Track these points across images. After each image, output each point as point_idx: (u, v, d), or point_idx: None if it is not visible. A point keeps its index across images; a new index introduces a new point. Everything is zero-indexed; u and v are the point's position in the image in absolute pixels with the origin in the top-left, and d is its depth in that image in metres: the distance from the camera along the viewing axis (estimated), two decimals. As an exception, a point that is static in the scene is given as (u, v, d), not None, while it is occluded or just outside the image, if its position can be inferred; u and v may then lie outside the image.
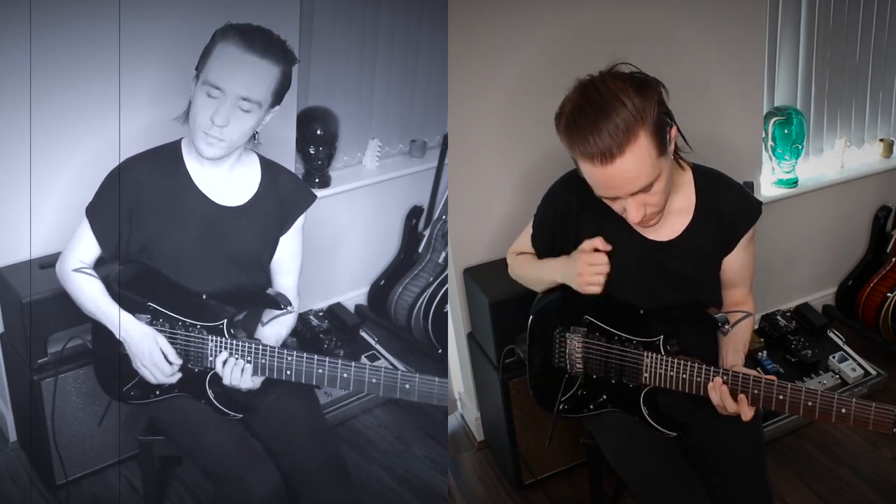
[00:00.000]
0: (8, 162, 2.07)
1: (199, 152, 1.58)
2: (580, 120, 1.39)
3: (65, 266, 1.71)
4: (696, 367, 1.55)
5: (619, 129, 1.35)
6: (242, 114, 1.54)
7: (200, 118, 1.54)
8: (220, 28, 1.56)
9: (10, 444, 2.38)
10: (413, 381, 1.56)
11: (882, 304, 2.84)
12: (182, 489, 2.28)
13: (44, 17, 1.97)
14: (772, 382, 1.47)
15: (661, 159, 1.43)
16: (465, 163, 2.19)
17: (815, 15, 2.64)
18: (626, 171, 1.40)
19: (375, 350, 2.83)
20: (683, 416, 1.65)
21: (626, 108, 1.36)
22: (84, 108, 2.12)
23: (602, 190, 1.48)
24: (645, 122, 1.37)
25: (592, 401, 1.71)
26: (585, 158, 1.41)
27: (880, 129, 2.99)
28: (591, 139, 1.37)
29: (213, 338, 1.65)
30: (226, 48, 1.52)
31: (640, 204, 1.47)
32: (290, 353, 1.61)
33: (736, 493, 1.56)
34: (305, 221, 1.80)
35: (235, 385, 1.64)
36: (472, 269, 2.29)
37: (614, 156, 1.37)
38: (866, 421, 1.41)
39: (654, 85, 1.42)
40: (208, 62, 1.54)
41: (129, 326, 1.65)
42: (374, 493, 2.33)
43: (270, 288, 1.80)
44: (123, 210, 1.63)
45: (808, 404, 1.44)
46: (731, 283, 1.69)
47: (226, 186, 1.68)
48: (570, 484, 2.39)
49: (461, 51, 2.05)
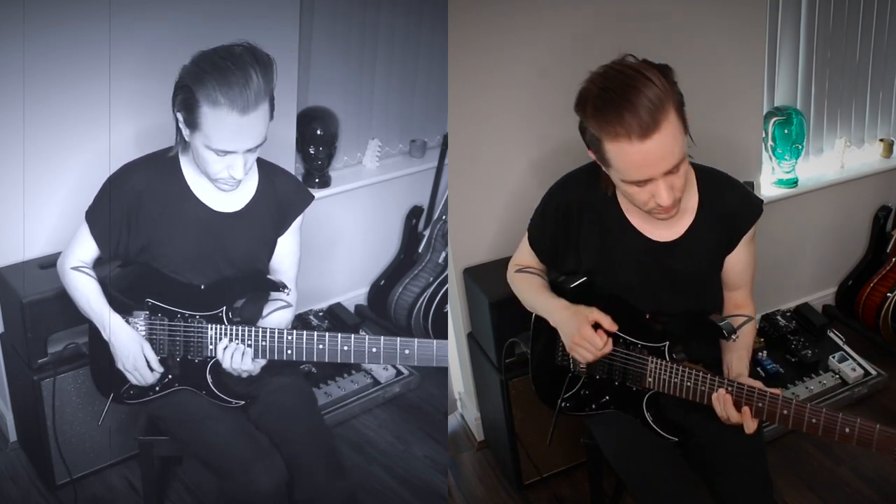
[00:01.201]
0: (8, 162, 2.07)
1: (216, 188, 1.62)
2: (612, 98, 1.35)
3: (64, 264, 1.73)
4: (700, 376, 1.53)
5: (653, 104, 1.33)
6: (254, 152, 1.56)
7: (212, 169, 1.55)
8: (189, 70, 1.46)
9: (10, 444, 2.38)
10: (412, 346, 1.57)
11: (882, 304, 2.84)
12: (182, 489, 2.28)
13: (42, 18, 1.97)
14: (776, 397, 1.45)
15: (685, 139, 1.42)
16: (465, 163, 2.19)
17: (815, 15, 2.64)
18: (662, 146, 1.36)
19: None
20: (686, 422, 1.64)
21: (655, 84, 1.34)
22: (84, 109, 2.12)
23: (636, 171, 1.41)
24: (671, 98, 1.36)
25: (595, 400, 1.71)
26: (621, 138, 1.36)
27: (880, 129, 2.98)
28: (626, 116, 1.33)
29: (212, 326, 1.66)
30: (217, 114, 1.45)
31: (669, 186, 1.43)
32: (289, 332, 1.62)
33: (739, 491, 1.56)
34: (304, 221, 1.80)
35: (237, 369, 1.64)
36: (472, 269, 2.29)
37: (651, 130, 1.34)
38: (869, 442, 1.39)
39: (669, 66, 1.41)
40: (202, 125, 1.47)
41: (117, 329, 1.66)
42: (374, 493, 2.33)
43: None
44: (122, 215, 1.64)
45: (811, 421, 1.43)
46: (733, 284, 1.68)
47: (223, 193, 1.68)
48: (570, 484, 2.39)
49: (461, 51, 2.05)
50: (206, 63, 1.45)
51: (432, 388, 2.81)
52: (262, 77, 1.46)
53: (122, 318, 1.67)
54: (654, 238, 1.62)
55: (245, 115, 1.46)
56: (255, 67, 1.45)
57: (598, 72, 1.42)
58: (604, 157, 1.44)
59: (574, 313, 1.60)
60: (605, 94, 1.36)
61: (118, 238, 1.66)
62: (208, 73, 1.44)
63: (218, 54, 1.46)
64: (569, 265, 1.72)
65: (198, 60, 1.47)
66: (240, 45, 1.48)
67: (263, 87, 1.46)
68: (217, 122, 1.46)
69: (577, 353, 1.59)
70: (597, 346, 1.55)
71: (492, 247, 2.30)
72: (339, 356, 1.60)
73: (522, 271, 1.80)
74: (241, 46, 1.48)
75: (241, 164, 1.54)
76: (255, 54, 1.48)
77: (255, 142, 1.52)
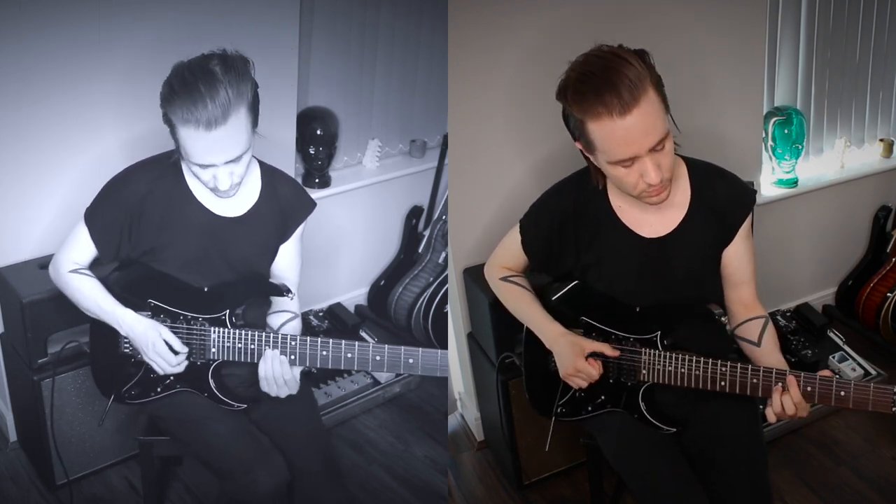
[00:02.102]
0: (8, 162, 2.07)
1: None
2: (591, 80, 1.39)
3: (59, 268, 1.70)
4: (694, 361, 1.55)
5: (633, 82, 1.37)
6: (237, 163, 1.53)
7: (202, 179, 1.55)
8: (163, 88, 1.46)
9: (10, 444, 2.38)
10: (416, 355, 1.58)
11: (882, 304, 2.84)
12: (182, 489, 2.28)
13: (42, 18, 1.97)
14: (787, 373, 1.48)
15: (667, 117, 1.45)
16: (465, 163, 2.19)
17: (815, 15, 2.64)
18: (644, 120, 1.39)
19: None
20: (682, 413, 1.65)
21: (632, 65, 1.38)
22: (84, 110, 2.12)
23: (621, 148, 1.43)
24: (650, 77, 1.40)
25: (590, 402, 1.71)
26: (603, 116, 1.39)
27: (880, 129, 2.98)
28: (606, 95, 1.37)
29: (215, 329, 1.66)
30: (186, 131, 1.44)
31: (656, 164, 1.45)
32: (293, 337, 1.62)
33: (736, 493, 1.56)
34: (305, 225, 1.80)
35: (278, 381, 1.62)
36: (472, 269, 2.29)
37: (631, 106, 1.37)
38: (865, 402, 1.43)
39: (645, 50, 1.45)
40: (178, 140, 1.49)
41: (132, 321, 1.65)
42: (374, 493, 2.33)
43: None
44: (123, 218, 1.63)
45: (807, 389, 1.47)
46: (735, 279, 1.67)
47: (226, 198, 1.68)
48: (570, 484, 2.39)
49: (461, 51, 2.05)
50: (176, 80, 1.44)
51: (432, 388, 2.82)
52: (234, 88, 1.43)
53: (133, 311, 1.66)
54: (647, 235, 1.63)
55: (212, 130, 1.43)
56: (224, 80, 1.43)
57: (577, 60, 1.46)
58: (588, 139, 1.47)
59: (569, 345, 1.63)
60: (585, 77, 1.41)
61: (118, 241, 1.65)
62: (175, 93, 1.43)
63: (189, 69, 1.44)
64: (563, 269, 1.72)
65: (170, 78, 1.46)
66: (215, 56, 1.46)
67: (233, 99, 1.44)
68: (188, 138, 1.46)
69: (572, 382, 1.65)
70: (591, 377, 1.62)
71: (492, 247, 2.28)
72: (343, 363, 1.60)
73: (508, 280, 1.80)
74: (216, 58, 1.46)
75: (226, 175, 1.53)
76: (227, 64, 1.45)
77: (233, 153, 1.50)
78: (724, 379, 1.53)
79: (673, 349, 1.60)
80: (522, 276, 1.82)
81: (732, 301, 1.69)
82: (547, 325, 1.69)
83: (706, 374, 1.54)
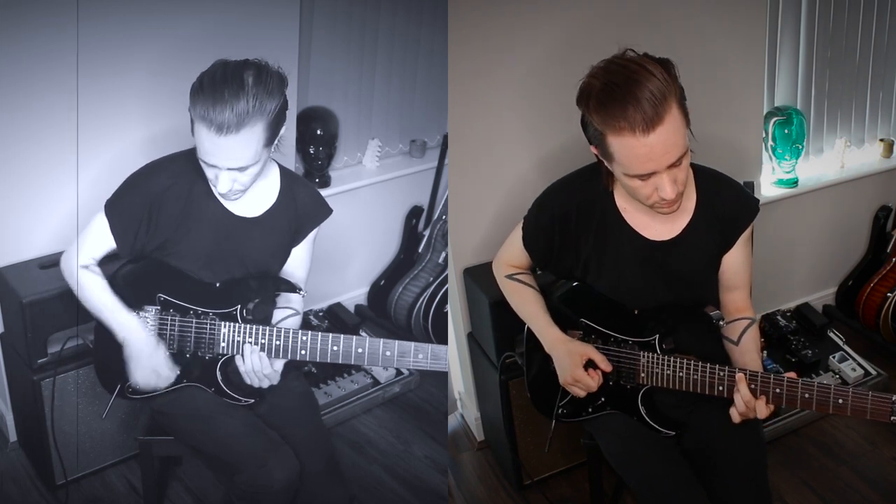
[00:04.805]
0: (8, 162, 2.06)
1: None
2: (615, 93, 1.36)
3: (73, 261, 1.71)
4: (692, 365, 1.55)
5: (656, 97, 1.34)
6: (241, 172, 1.55)
7: (207, 175, 1.58)
8: (195, 81, 1.48)
9: (10, 444, 2.38)
10: (425, 350, 1.60)
11: (882, 304, 2.84)
12: (182, 489, 2.28)
13: (41, 18, 1.97)
14: (782, 378, 1.47)
15: (687, 132, 1.42)
16: (465, 163, 2.19)
17: (815, 15, 2.64)
18: (666, 138, 1.37)
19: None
20: (681, 416, 1.65)
21: (657, 77, 1.35)
22: (84, 110, 2.12)
23: (640, 165, 1.41)
24: (673, 91, 1.37)
25: (591, 403, 1.71)
26: (625, 132, 1.36)
27: (880, 129, 2.99)
28: (630, 109, 1.34)
29: (226, 324, 1.67)
30: (199, 127, 1.47)
31: (672, 179, 1.43)
32: (304, 332, 1.63)
33: (736, 494, 1.56)
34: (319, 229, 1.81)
35: (258, 374, 1.64)
36: (472, 269, 2.29)
37: (655, 123, 1.34)
38: (864, 411, 1.43)
39: (669, 60, 1.41)
40: (194, 133, 1.51)
41: (133, 329, 1.65)
42: (374, 493, 2.33)
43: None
44: (144, 209, 1.64)
45: (804, 396, 1.46)
46: (731, 284, 1.68)
47: (245, 198, 1.68)
48: (570, 484, 2.39)
49: (461, 51, 2.05)
50: (208, 77, 1.47)
51: (432, 388, 2.82)
52: (256, 101, 1.45)
53: (137, 319, 1.66)
54: (652, 237, 1.63)
55: (222, 135, 1.45)
56: (250, 92, 1.45)
57: (599, 66, 1.42)
58: (607, 151, 1.44)
59: (568, 353, 1.63)
60: (608, 89, 1.37)
61: (136, 232, 1.65)
62: (203, 90, 1.45)
63: (223, 70, 1.47)
64: (564, 268, 1.72)
65: (205, 72, 1.49)
66: (252, 65, 1.49)
67: (252, 112, 1.45)
68: (199, 134, 1.49)
69: (570, 390, 1.65)
70: (589, 388, 1.61)
71: (492, 247, 2.28)
72: (353, 358, 1.62)
73: (513, 278, 1.80)
74: (252, 67, 1.48)
75: (227, 180, 1.54)
76: (259, 77, 1.47)
77: (237, 163, 1.51)
78: (723, 384, 1.53)
79: (671, 353, 1.60)
80: (528, 273, 1.81)
81: (724, 303, 1.71)
82: (547, 330, 1.68)
83: (704, 379, 1.54)
